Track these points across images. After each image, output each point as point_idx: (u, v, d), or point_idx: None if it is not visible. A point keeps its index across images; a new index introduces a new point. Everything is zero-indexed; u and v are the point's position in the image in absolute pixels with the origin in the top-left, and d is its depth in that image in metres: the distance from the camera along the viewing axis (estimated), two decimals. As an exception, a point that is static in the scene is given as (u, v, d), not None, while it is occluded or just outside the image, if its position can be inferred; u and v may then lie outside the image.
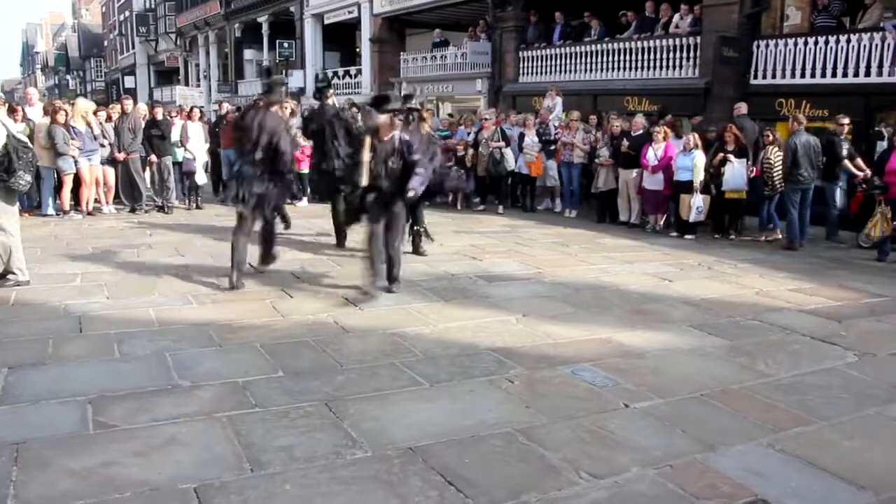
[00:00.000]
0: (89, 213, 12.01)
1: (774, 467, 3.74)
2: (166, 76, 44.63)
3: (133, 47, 48.05)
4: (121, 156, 12.25)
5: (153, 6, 44.28)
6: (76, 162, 11.66)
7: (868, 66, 12.47)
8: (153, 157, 12.71)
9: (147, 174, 13.01)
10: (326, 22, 27.81)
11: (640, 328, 6.17)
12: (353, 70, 26.57)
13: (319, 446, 3.77)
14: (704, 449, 3.90)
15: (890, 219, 9.81)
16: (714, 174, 11.06)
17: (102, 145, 12.13)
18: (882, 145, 11.58)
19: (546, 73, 18.41)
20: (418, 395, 4.52)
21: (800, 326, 6.37)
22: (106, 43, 58.26)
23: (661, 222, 11.87)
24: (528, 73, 19.08)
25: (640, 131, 12.08)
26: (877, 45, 12.35)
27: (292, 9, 28.92)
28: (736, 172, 10.89)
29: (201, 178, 13.39)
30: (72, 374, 4.74)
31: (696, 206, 10.98)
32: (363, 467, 3.56)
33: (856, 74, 12.62)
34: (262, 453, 3.67)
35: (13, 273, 6.95)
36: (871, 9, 12.85)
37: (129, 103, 13.12)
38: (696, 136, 11.34)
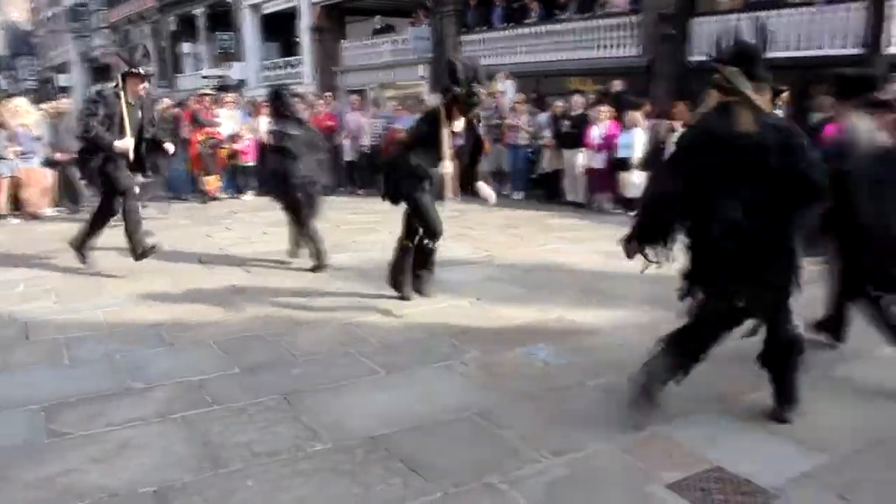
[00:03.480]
0: (33, 217, 11.70)
1: (729, 435, 3.84)
2: (102, 73, 43.50)
3: (66, 44, 46.79)
4: (61, 157, 11.95)
5: (84, 1, 43.14)
6: (15, 165, 11.36)
7: (799, 40, 12.74)
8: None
9: (87, 174, 12.69)
10: (264, 12, 27.44)
11: (593, 306, 6.24)
12: (293, 60, 26.27)
13: (279, 441, 3.75)
14: (662, 421, 3.96)
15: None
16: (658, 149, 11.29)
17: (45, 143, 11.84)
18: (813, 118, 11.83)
19: (488, 56, 18.39)
20: (376, 384, 4.52)
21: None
22: (36, 40, 56.64)
23: (608, 201, 12.01)
24: (470, 57, 19.06)
25: (580, 111, 12.22)
26: (809, 20, 12.63)
27: (229, 0, 28.45)
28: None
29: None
30: (21, 382, 4.64)
31: (636, 182, 11.17)
32: (324, 459, 3.57)
33: (787, 48, 12.88)
34: (221, 451, 3.65)
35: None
36: (802, -18, 13.13)
37: (65, 102, 12.81)
38: (638, 114, 11.51)
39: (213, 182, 13.54)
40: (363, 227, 10.16)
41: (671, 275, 4.15)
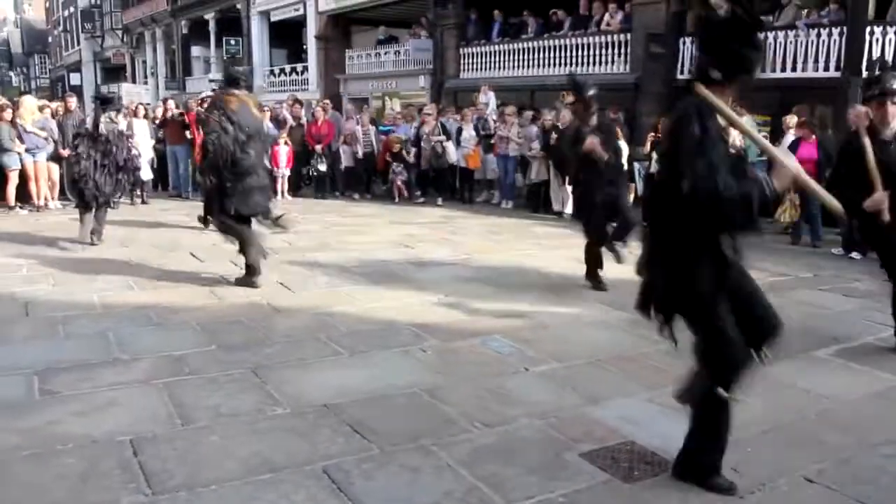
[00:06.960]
0: (39, 209, 12.22)
1: (648, 417, 4.28)
2: (113, 73, 44.17)
3: (78, 44, 47.45)
4: (65, 152, 12.45)
5: (98, 2, 43.81)
6: (21, 159, 11.88)
7: (784, 62, 13.23)
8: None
9: (92, 170, 13.18)
10: (273, 19, 28.08)
11: (554, 305, 6.69)
12: (299, 67, 26.84)
13: (244, 405, 4.23)
14: (589, 403, 4.43)
15: (798, 205, 10.51)
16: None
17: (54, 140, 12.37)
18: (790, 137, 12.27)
19: (486, 69, 18.96)
20: (338, 364, 4.99)
21: (702, 302, 6.91)
22: (50, 39, 57.36)
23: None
24: (468, 70, 19.61)
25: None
26: (791, 43, 13.13)
27: (239, 6, 29.03)
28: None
29: (146, 173, 13.63)
30: (19, 352, 5.13)
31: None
32: (282, 421, 4.04)
33: (773, 70, 13.35)
34: (192, 411, 4.12)
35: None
36: (786, 8, 13.62)
37: (73, 101, 13.35)
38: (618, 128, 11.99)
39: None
40: (351, 229, 10.65)
41: (634, 280, 4.61)
